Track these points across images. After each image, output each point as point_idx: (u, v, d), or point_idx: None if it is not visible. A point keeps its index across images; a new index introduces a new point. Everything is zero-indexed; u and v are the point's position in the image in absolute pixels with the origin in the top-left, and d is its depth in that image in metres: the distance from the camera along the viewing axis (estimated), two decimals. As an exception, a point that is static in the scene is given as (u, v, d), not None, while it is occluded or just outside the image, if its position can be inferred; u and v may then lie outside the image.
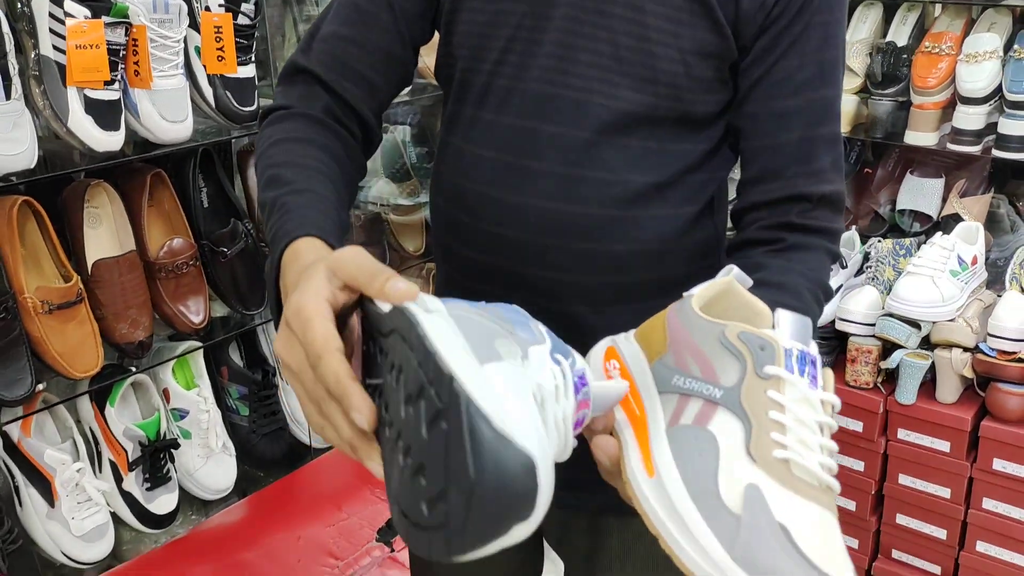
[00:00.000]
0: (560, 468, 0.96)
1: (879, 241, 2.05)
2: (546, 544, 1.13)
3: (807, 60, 0.83)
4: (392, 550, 1.50)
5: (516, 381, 0.55)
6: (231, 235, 1.64)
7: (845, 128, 2.09)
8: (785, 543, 0.57)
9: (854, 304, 1.91)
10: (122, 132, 1.42)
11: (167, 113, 1.47)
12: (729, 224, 0.97)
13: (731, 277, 0.69)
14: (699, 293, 0.68)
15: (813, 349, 0.65)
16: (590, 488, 0.96)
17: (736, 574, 0.57)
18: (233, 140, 1.78)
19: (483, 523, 0.51)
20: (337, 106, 0.89)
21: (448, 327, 0.57)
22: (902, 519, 1.95)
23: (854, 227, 2.16)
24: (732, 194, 0.94)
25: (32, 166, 1.34)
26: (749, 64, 0.84)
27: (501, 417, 0.51)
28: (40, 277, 1.45)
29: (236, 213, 1.69)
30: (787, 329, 0.64)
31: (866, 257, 2.06)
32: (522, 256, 0.88)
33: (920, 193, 2.13)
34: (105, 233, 1.54)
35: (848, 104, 2.06)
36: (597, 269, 0.88)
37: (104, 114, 1.39)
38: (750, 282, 0.71)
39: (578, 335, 0.88)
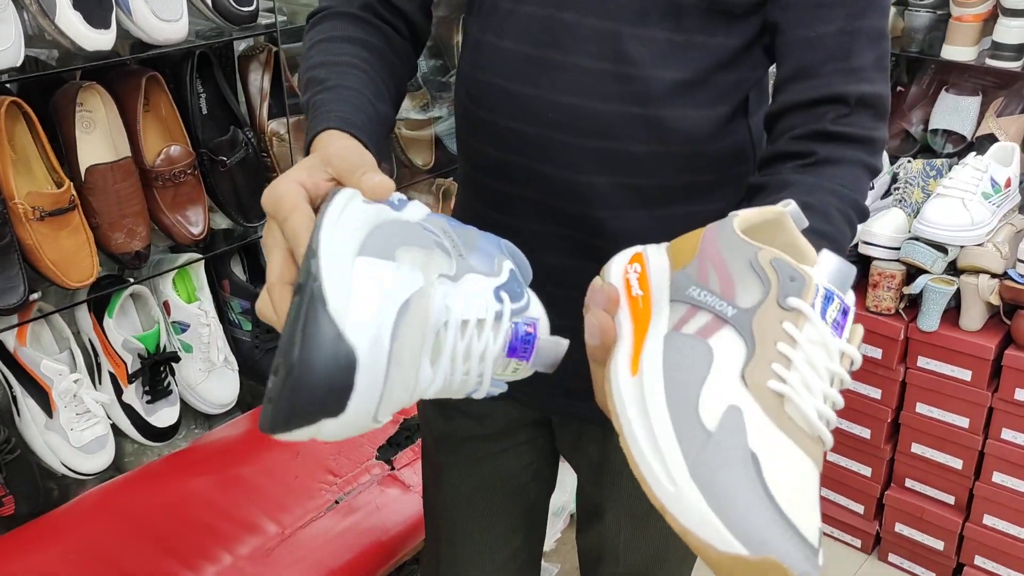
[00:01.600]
0: (573, 379, 0.93)
1: (908, 162, 1.96)
2: (562, 459, 1.10)
3: None
4: (392, 468, 1.47)
5: (392, 283, 0.52)
6: (231, 143, 1.58)
7: (878, 42, 1.98)
8: (751, 472, 0.51)
9: (879, 227, 1.84)
10: (113, 30, 1.35)
11: (160, 11, 1.39)
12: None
13: (785, 209, 0.63)
14: (745, 215, 0.62)
15: (849, 299, 0.59)
16: (592, 398, 0.93)
17: (688, 488, 0.51)
18: (235, 43, 1.71)
19: (295, 404, 0.50)
20: (377, 2, 0.88)
21: (354, 216, 0.56)
22: (917, 448, 1.91)
23: (883, 147, 2.07)
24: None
25: (18, 64, 1.28)
26: None
27: (342, 304, 0.49)
28: (32, 182, 1.40)
29: (236, 120, 1.62)
30: (826, 270, 0.58)
31: (894, 178, 1.98)
32: (539, 154, 0.84)
33: (955, 112, 2.03)
34: (99, 138, 1.48)
35: (882, 15, 1.95)
36: (616, 170, 0.83)
37: (93, 10, 1.32)
38: (805, 223, 0.64)
39: (600, 240, 0.84)
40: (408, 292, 0.53)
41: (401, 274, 0.53)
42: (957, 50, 1.91)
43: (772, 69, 0.88)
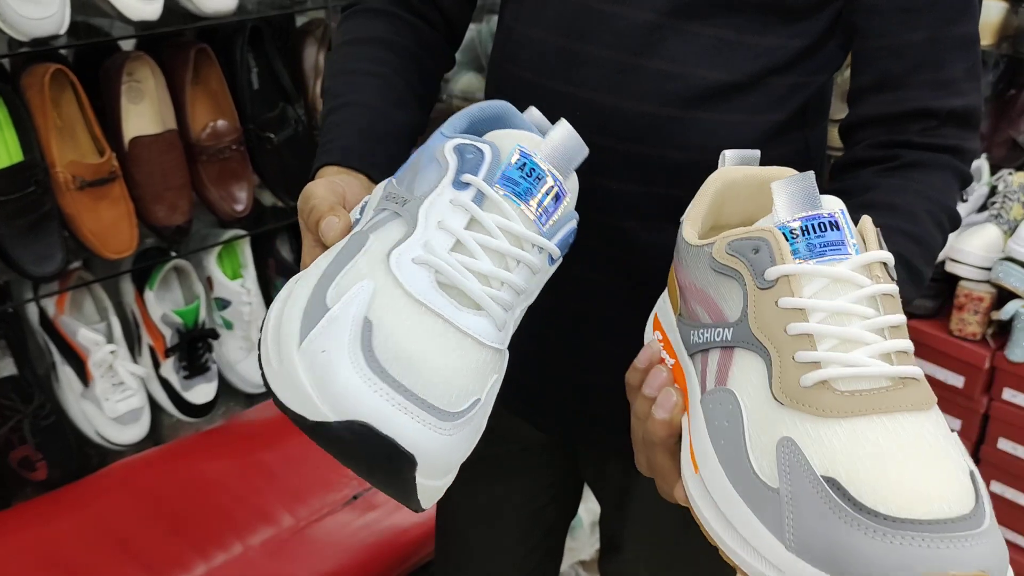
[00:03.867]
0: (596, 406, 0.84)
1: (1010, 174, 1.79)
2: (586, 488, 1.04)
3: None
4: (417, 466, 1.42)
5: (335, 336, 0.47)
6: (279, 120, 1.54)
7: (988, 41, 1.81)
8: (839, 504, 0.41)
9: (969, 244, 1.68)
10: (159, 0, 1.33)
11: (209, -18, 1.36)
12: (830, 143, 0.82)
13: (725, 167, 0.56)
14: (691, 211, 0.54)
15: (830, 205, 0.48)
16: (619, 431, 0.86)
17: (799, 570, 0.42)
18: (295, 17, 1.68)
19: (387, 487, 0.49)
20: None
21: (288, 299, 0.52)
22: (996, 487, 1.75)
23: (985, 155, 1.90)
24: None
25: (61, 32, 1.27)
26: None
27: (311, 404, 0.46)
28: (75, 151, 1.39)
29: (287, 97, 1.58)
30: (783, 201, 0.48)
31: (993, 191, 1.81)
32: None
33: (1069, 121, 1.85)
34: (146, 109, 1.46)
35: (993, 12, 1.79)
36: (650, 178, 0.75)
37: (139, -21, 1.30)
38: (755, 156, 0.56)
39: (629, 254, 0.77)
40: (359, 317, 0.48)
41: (342, 312, 0.48)
42: (1076, 53, 1.73)
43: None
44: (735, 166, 0.55)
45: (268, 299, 1.68)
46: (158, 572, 1.22)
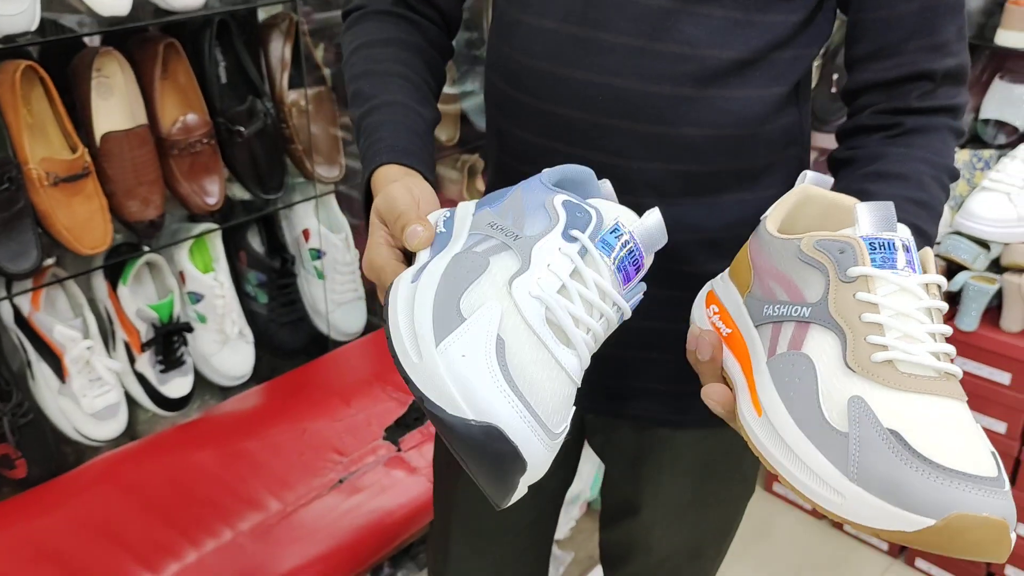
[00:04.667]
0: (603, 377, 0.88)
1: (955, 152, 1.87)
2: (586, 447, 1.07)
3: None
4: (399, 449, 1.45)
5: (476, 344, 0.54)
6: (248, 113, 1.55)
7: (929, 25, 1.89)
8: (900, 450, 0.52)
9: (919, 219, 1.76)
10: (129, -5, 1.33)
11: (178, -23, 1.37)
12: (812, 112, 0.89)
13: (805, 184, 0.65)
14: (773, 213, 0.64)
15: (903, 233, 0.58)
16: (633, 397, 0.90)
17: (854, 492, 0.53)
18: (258, 11, 1.68)
19: (491, 483, 0.54)
20: None
21: (410, 309, 0.58)
22: (950, 451, 1.84)
23: (929, 136, 1.98)
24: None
25: (32, 28, 1.26)
26: None
27: (454, 402, 0.52)
28: (47, 148, 1.39)
29: (255, 90, 1.59)
30: (867, 221, 0.58)
31: (939, 169, 1.89)
32: (584, 139, 0.80)
33: (1008, 101, 1.93)
34: (116, 105, 1.47)
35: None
36: (667, 155, 0.79)
37: (108, -25, 1.30)
38: (829, 181, 0.66)
39: None
40: (493, 333, 0.54)
41: (479, 325, 0.55)
42: (1013, 35, 1.81)
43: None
44: (812, 185, 0.65)
45: (240, 292, 1.69)
46: (149, 561, 1.23)
